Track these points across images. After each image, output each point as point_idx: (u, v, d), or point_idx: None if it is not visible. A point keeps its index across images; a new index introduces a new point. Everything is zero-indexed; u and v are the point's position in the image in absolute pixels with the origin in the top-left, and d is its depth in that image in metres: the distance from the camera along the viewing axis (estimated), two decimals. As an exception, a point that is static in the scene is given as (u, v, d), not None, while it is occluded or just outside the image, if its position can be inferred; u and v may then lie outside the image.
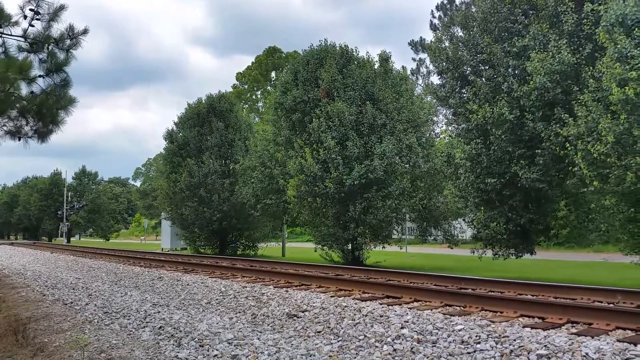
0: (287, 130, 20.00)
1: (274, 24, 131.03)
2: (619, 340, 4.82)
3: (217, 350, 5.70)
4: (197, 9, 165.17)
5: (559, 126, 11.87)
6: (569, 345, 4.68)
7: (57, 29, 9.93)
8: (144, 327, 7.14)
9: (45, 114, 10.06)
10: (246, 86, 65.83)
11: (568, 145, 11.36)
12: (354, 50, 20.22)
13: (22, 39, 9.79)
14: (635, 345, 4.63)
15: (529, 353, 4.65)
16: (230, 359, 5.39)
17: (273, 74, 63.88)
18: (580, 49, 12.34)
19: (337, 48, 20.17)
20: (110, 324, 7.53)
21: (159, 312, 7.95)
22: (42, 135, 10.50)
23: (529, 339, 4.93)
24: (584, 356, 4.43)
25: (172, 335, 6.54)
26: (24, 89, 10.02)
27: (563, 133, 11.53)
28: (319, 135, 18.06)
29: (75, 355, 5.79)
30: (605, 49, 10.80)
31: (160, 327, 6.96)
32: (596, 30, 11.32)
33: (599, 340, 4.88)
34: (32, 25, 9.60)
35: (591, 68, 11.47)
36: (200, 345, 5.94)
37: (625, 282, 12.27)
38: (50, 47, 9.97)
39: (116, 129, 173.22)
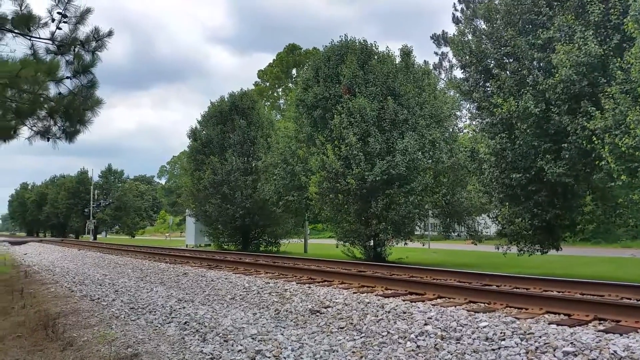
0: (308, 127, 20.03)
1: (290, 21, 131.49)
2: (648, 338, 4.72)
3: (241, 345, 5.75)
4: (216, 8, 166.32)
5: (586, 119, 11.64)
6: (597, 342, 4.60)
7: (83, 31, 10.12)
8: (170, 322, 7.25)
9: (73, 114, 10.26)
10: (268, 83, 66.13)
11: (595, 138, 11.14)
12: (374, 45, 20.13)
13: (50, 42, 9.99)
14: (666, 342, 4.52)
15: (554, 350, 4.58)
16: (254, 354, 5.44)
17: (294, 71, 63.99)
18: (608, 39, 12.06)
19: (357, 43, 20.09)
20: (137, 319, 7.67)
21: (184, 307, 8.06)
22: (70, 135, 10.70)
23: (555, 336, 4.86)
24: (612, 354, 4.35)
25: (197, 330, 6.63)
26: (52, 90, 10.24)
27: (590, 126, 11.30)
28: (340, 131, 18.03)
29: (103, 349, 5.92)
30: (633, 40, 10.55)
31: (186, 323, 7.06)
32: (624, 20, 11.05)
33: (628, 337, 4.78)
34: (60, 28, 9.79)
35: (619, 59, 11.20)
36: (224, 341, 6.01)
37: (655, 278, 11.99)
38: (76, 49, 10.16)
39: (139, 128, 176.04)
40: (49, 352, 5.99)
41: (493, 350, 4.83)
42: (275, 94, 66.76)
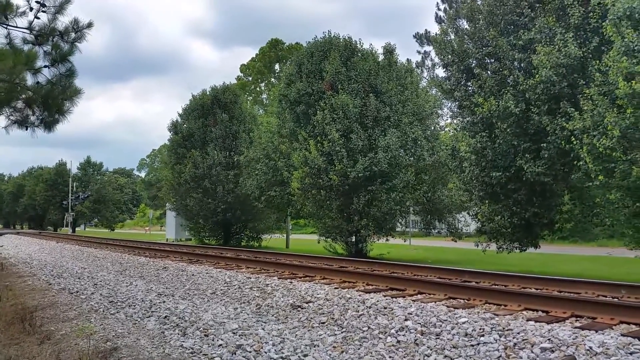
0: (291, 123, 20.00)
1: (272, 15, 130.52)
2: (623, 335, 4.83)
3: (221, 340, 5.74)
4: (197, 1, 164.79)
5: (565, 120, 11.82)
6: (573, 339, 4.70)
7: (62, 21, 9.93)
8: (149, 316, 7.20)
9: (51, 104, 10.08)
10: (250, 78, 65.75)
11: (573, 139, 11.32)
12: (358, 42, 20.15)
13: (28, 31, 9.79)
14: None
15: (532, 346, 4.66)
16: (235, 348, 5.43)
17: (277, 66, 63.73)
18: (587, 42, 12.26)
19: (341, 40, 20.09)
20: (116, 313, 7.59)
21: (164, 301, 8.01)
22: (49, 124, 10.52)
23: (533, 332, 4.95)
24: (588, 350, 4.45)
25: (177, 324, 6.59)
26: (30, 80, 10.04)
27: (568, 127, 11.49)
28: (323, 127, 18.04)
29: (81, 343, 5.85)
30: (612, 43, 10.73)
31: (166, 317, 7.02)
32: (603, 23, 11.24)
33: (603, 334, 4.89)
34: (38, 18, 9.60)
35: (597, 62, 11.39)
36: (205, 335, 5.99)
37: (629, 276, 12.25)
38: (55, 40, 9.97)
39: (119, 120, 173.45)
40: (25, 346, 5.90)
41: (472, 346, 4.90)
42: (258, 89, 66.43)
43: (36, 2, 9.38)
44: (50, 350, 5.68)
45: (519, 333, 4.98)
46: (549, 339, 4.74)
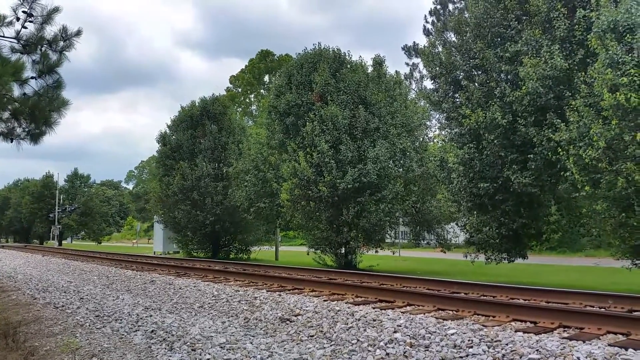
0: (280, 134, 20.00)
1: (261, 27, 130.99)
2: (610, 345, 4.86)
3: (209, 354, 5.67)
4: (186, 12, 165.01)
5: (551, 131, 11.94)
6: (561, 349, 4.70)
7: (50, 30, 9.88)
8: (136, 330, 7.10)
9: (38, 115, 9.98)
10: (240, 89, 65.79)
11: (560, 150, 11.44)
12: (347, 54, 20.27)
13: (15, 41, 9.73)
14: (626, 349, 4.66)
15: (520, 357, 4.66)
16: (223, 363, 5.37)
17: (266, 77, 63.88)
18: (573, 54, 12.44)
19: (330, 52, 20.20)
20: (102, 327, 7.48)
21: (151, 315, 7.91)
22: (35, 137, 10.40)
23: (521, 344, 4.95)
24: (576, 360, 4.45)
25: (164, 339, 6.50)
26: (17, 91, 9.95)
27: (555, 138, 11.61)
28: (312, 138, 18.07)
29: (66, 359, 5.75)
30: (597, 55, 10.89)
31: (153, 331, 6.92)
32: (588, 36, 11.41)
33: (591, 344, 4.91)
34: (25, 27, 9.53)
35: (583, 74, 11.56)
36: (192, 350, 5.92)
37: (616, 286, 12.34)
38: (43, 49, 9.91)
39: (107, 132, 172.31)
40: (8, 362, 5.79)
41: (461, 357, 4.89)
42: (247, 100, 66.46)
43: (23, 11, 9.32)
44: (33, 366, 5.58)
45: (507, 344, 4.98)
46: (537, 350, 4.74)
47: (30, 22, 9.37)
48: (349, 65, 19.78)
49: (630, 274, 12.25)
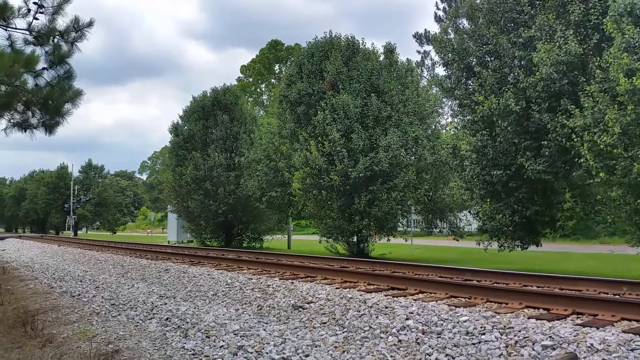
0: (292, 123, 19.99)
1: (264, 17, 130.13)
2: (624, 331, 4.82)
3: (223, 341, 5.74)
4: (189, 2, 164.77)
5: (565, 117, 11.80)
6: (574, 336, 4.68)
7: (62, 21, 9.94)
8: (151, 318, 7.20)
9: (52, 106, 10.09)
10: (250, 79, 65.78)
11: (574, 136, 11.31)
12: (361, 42, 20.12)
13: (28, 32, 9.80)
14: (641, 336, 4.63)
15: (533, 344, 4.65)
16: (237, 349, 5.42)
17: (277, 67, 63.76)
18: (587, 39, 12.23)
19: (343, 40, 20.08)
20: (118, 315, 7.59)
21: (165, 303, 8.01)
22: (49, 127, 10.52)
23: (534, 330, 4.94)
24: (589, 347, 4.44)
25: (178, 326, 6.59)
26: (30, 82, 10.05)
27: (569, 124, 11.47)
28: (324, 127, 18.04)
29: (83, 346, 5.85)
30: (612, 39, 10.71)
31: (167, 319, 7.01)
32: (603, 20, 11.22)
33: (604, 331, 4.88)
34: (37, 19, 9.60)
35: (598, 59, 11.37)
36: (206, 336, 5.99)
37: (631, 273, 12.24)
38: (56, 40, 9.98)
39: (117, 123, 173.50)
40: (27, 349, 5.90)
41: (473, 344, 4.89)
42: (258, 90, 66.45)
43: (34, 3, 9.38)
44: (51, 353, 5.68)
45: (520, 331, 4.97)
46: (550, 337, 4.72)
47: (42, 12, 9.43)
48: (361, 54, 19.65)
49: (645, 261, 12.13)
